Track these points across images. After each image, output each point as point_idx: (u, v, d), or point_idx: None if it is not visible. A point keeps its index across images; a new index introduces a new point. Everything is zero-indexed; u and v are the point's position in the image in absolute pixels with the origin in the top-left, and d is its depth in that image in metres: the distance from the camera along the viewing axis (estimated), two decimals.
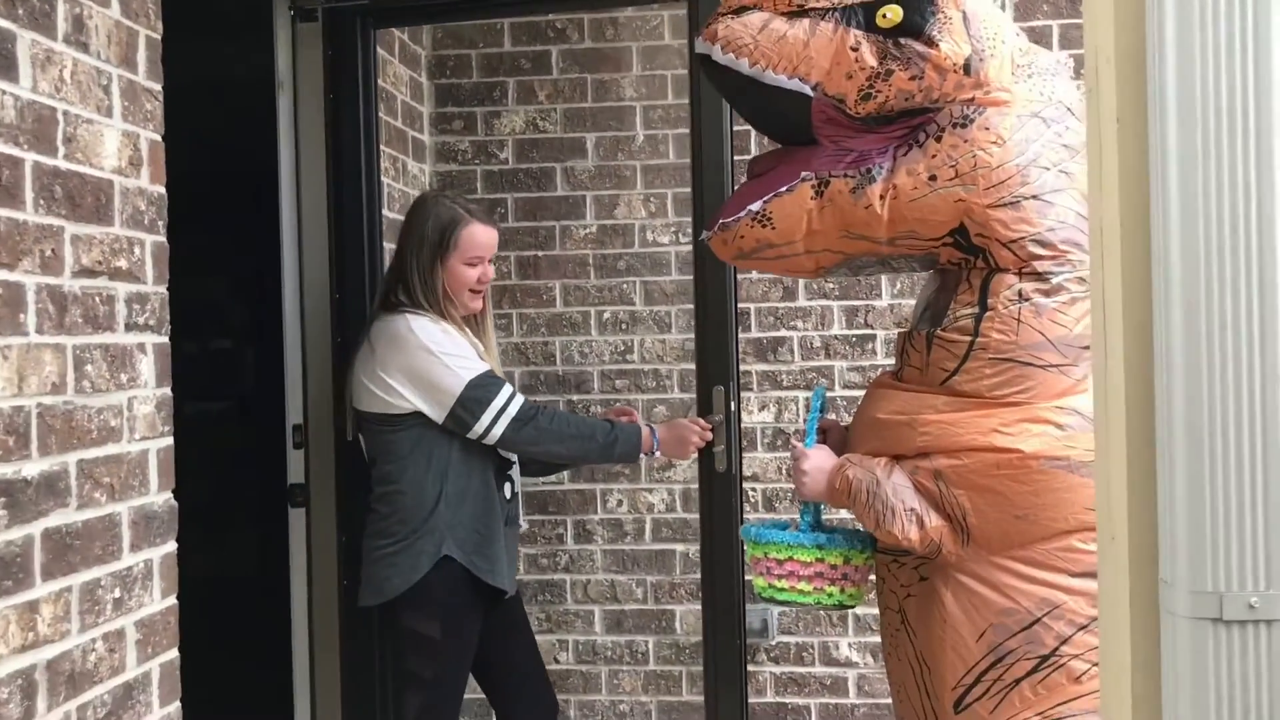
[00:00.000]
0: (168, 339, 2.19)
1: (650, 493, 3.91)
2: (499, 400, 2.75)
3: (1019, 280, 2.14)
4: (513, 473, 2.91)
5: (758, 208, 2.23)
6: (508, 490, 2.88)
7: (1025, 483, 2.11)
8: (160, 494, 2.14)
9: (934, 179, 2.14)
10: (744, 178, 2.42)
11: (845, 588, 2.31)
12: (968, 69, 2.12)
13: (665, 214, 3.89)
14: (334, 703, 3.25)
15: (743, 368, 3.44)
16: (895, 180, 2.16)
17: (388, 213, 3.44)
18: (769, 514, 3.84)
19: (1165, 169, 1.11)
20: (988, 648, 2.16)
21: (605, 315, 3.92)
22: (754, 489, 3.85)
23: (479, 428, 2.75)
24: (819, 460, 2.30)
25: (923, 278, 2.67)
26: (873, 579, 2.37)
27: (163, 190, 2.18)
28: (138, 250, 2.09)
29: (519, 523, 2.99)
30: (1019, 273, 2.14)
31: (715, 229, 2.30)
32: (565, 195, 3.93)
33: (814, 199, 2.20)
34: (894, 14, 2.13)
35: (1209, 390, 1.09)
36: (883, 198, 2.16)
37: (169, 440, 2.18)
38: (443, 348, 2.76)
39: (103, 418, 1.98)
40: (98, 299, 1.98)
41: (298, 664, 3.30)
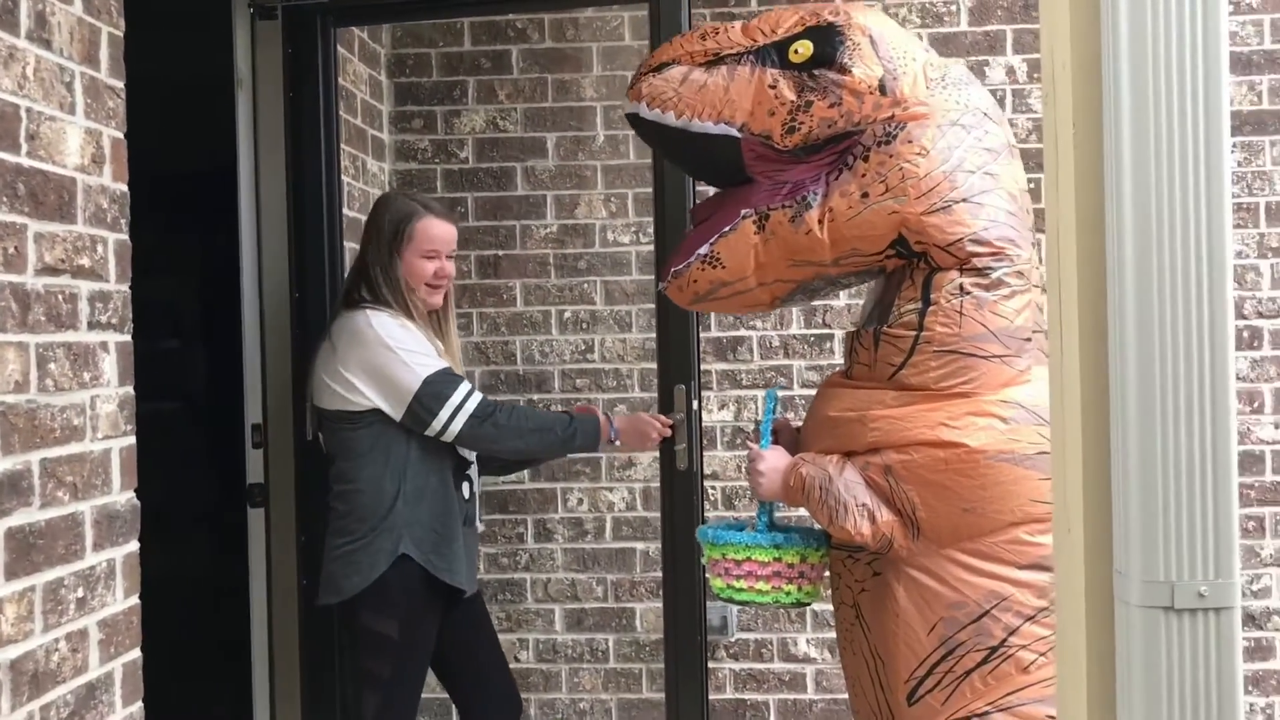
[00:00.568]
0: (130, 338, 2.19)
1: (611, 491, 3.93)
2: (456, 397, 2.76)
3: (960, 275, 2.20)
4: (471, 472, 2.92)
5: (706, 250, 2.31)
6: (466, 490, 2.89)
7: (972, 476, 2.16)
8: (123, 493, 2.14)
9: (866, 196, 2.21)
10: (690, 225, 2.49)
11: (802, 585, 2.35)
12: (883, 89, 2.21)
13: (626, 214, 3.91)
14: (294, 702, 3.24)
15: (703, 367, 3.46)
16: (830, 204, 2.23)
17: (348, 211, 3.44)
18: (729, 512, 3.87)
19: (1119, 171, 1.14)
20: (938, 640, 2.21)
21: (566, 314, 3.93)
22: (714, 487, 3.87)
23: (436, 424, 2.75)
24: (773, 460, 2.34)
25: None
26: (828, 575, 2.41)
27: (125, 188, 2.18)
28: (100, 248, 2.09)
29: (477, 523, 3.01)
30: (960, 269, 2.20)
31: (669, 278, 2.38)
32: (526, 195, 3.94)
33: (757, 233, 2.28)
34: (804, 49, 2.24)
35: (1161, 386, 1.13)
36: (821, 222, 2.23)
37: (131, 439, 2.18)
38: (401, 344, 2.77)
39: (65, 416, 1.97)
40: (60, 297, 1.97)
41: (257, 664, 3.28)
